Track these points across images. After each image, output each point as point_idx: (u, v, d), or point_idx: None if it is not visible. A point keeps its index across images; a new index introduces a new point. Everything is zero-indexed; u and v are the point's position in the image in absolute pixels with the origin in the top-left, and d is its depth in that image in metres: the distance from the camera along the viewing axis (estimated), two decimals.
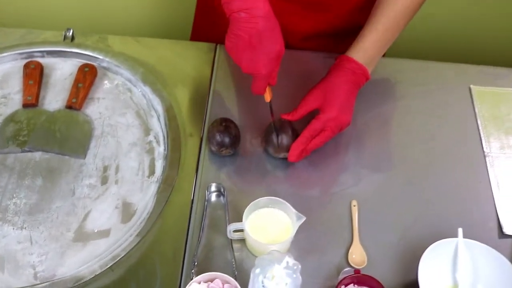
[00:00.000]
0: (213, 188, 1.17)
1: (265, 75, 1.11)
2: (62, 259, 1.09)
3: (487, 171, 1.25)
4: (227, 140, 1.19)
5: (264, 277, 0.84)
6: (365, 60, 1.23)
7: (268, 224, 1.10)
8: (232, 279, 1.00)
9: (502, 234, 1.16)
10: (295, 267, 0.84)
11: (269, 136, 1.21)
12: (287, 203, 1.09)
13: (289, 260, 0.84)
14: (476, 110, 1.35)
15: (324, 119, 1.19)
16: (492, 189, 1.22)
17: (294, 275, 0.84)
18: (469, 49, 1.99)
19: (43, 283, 1.06)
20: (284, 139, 1.20)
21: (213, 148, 1.21)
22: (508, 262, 1.05)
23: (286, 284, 0.84)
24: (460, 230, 1.08)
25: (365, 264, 1.10)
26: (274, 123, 1.20)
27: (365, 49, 1.24)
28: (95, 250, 1.11)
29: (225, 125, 1.20)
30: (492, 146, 1.29)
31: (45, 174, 1.20)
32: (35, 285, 1.05)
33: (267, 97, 1.19)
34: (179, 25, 1.86)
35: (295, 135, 1.20)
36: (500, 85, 1.40)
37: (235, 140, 1.21)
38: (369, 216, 1.17)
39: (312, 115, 1.21)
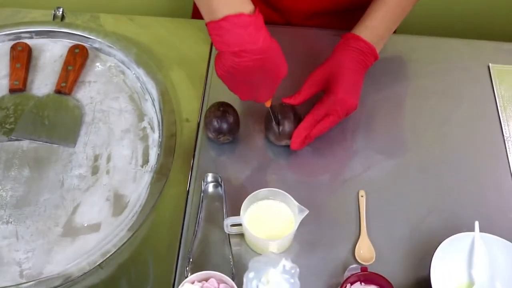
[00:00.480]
0: (209, 178, 1.10)
1: (263, 101, 1.05)
2: (49, 255, 1.03)
3: (507, 157, 1.16)
4: (225, 126, 1.11)
5: (259, 281, 0.76)
6: (373, 39, 1.14)
7: (268, 217, 1.02)
8: (229, 279, 0.93)
9: None
10: (292, 271, 0.76)
11: (270, 123, 1.12)
12: (288, 195, 1.01)
13: (286, 263, 0.76)
14: (495, 91, 1.25)
15: (329, 103, 1.10)
16: None
17: (292, 280, 0.76)
18: (486, 25, 1.86)
19: (29, 281, 0.99)
20: (286, 125, 1.11)
21: (210, 135, 1.13)
22: None
23: None
24: (476, 224, 1.00)
25: (373, 260, 1.03)
26: (275, 108, 1.11)
27: (373, 27, 1.15)
28: (85, 246, 1.04)
29: (223, 109, 1.12)
30: None
31: (32, 164, 1.13)
32: (20, 284, 0.99)
33: (268, 103, 1.09)
34: (179, 2, 1.77)
35: (298, 121, 1.12)
36: None
37: (234, 126, 1.12)
38: (378, 208, 1.09)
39: (317, 98, 1.12)
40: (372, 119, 1.21)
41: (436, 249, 0.97)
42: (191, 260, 1.02)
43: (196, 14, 1.51)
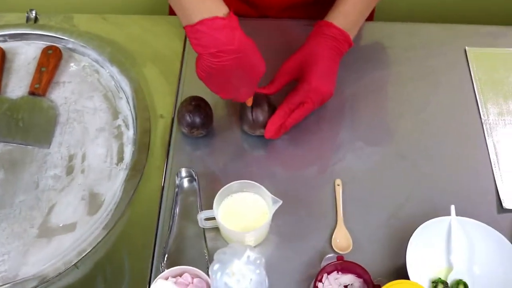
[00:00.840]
0: (183, 173, 1.09)
1: (243, 100, 1.06)
2: (25, 257, 1.02)
3: (485, 140, 1.15)
4: (197, 120, 1.10)
5: (224, 273, 0.75)
6: (346, 25, 1.13)
7: (243, 210, 1.01)
8: (203, 273, 0.92)
9: (501, 209, 1.06)
10: (257, 261, 0.75)
11: (244, 113, 1.11)
12: (262, 186, 1.00)
13: (251, 254, 0.75)
14: (472, 74, 1.24)
15: (303, 90, 1.09)
16: (491, 159, 1.12)
17: (258, 271, 0.75)
18: (462, 8, 1.84)
19: (5, 284, 0.98)
20: (260, 114, 1.10)
21: (183, 130, 1.12)
22: (507, 241, 0.96)
23: (251, 280, 0.75)
24: (452, 208, 0.99)
25: (351, 248, 1.02)
26: (246, 103, 1.10)
27: (346, 13, 1.14)
28: (60, 246, 1.03)
29: (195, 104, 1.11)
30: (490, 113, 1.18)
31: (7, 166, 1.12)
32: None
33: (249, 102, 1.09)
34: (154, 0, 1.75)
35: (272, 110, 1.10)
36: (498, 45, 1.29)
37: (207, 120, 1.11)
38: (355, 196, 1.08)
39: (291, 87, 1.11)
40: (348, 107, 1.20)
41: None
42: (166, 256, 1.01)
43: (173, 10, 1.50)
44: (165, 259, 1.00)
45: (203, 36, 0.92)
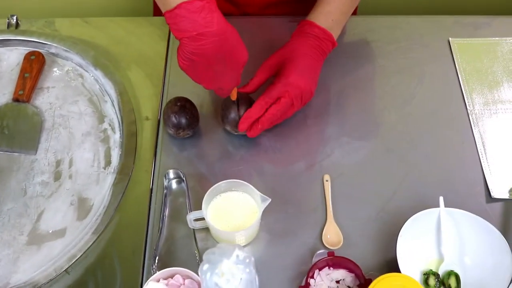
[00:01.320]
0: (171, 174, 1.08)
1: (228, 91, 1.04)
2: (15, 265, 1.01)
3: (472, 131, 1.15)
4: (183, 121, 1.10)
5: (214, 273, 0.75)
6: (328, 24, 1.13)
7: (232, 209, 1.01)
8: (194, 274, 0.92)
9: (490, 199, 1.07)
10: (247, 260, 0.75)
11: (226, 112, 1.11)
12: (250, 185, 1.00)
13: (240, 253, 0.75)
14: (457, 65, 1.24)
15: (280, 84, 1.08)
16: (478, 149, 1.13)
17: (247, 269, 0.75)
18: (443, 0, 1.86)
19: None
20: (242, 113, 1.09)
21: (170, 131, 1.12)
22: (496, 230, 0.96)
23: (241, 279, 0.75)
24: (441, 199, 0.99)
25: (341, 244, 1.02)
26: (230, 97, 1.10)
27: (328, 12, 1.14)
28: (50, 252, 1.03)
29: (181, 104, 1.10)
30: (476, 103, 1.19)
31: None
32: None
33: (233, 95, 1.08)
34: (138, 2, 1.74)
35: None
36: (481, 36, 1.29)
37: (193, 121, 1.11)
38: (344, 191, 1.08)
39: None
40: (334, 103, 1.20)
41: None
42: (157, 258, 1.00)
43: (157, 11, 1.49)
44: (156, 261, 1.00)
45: (182, 20, 0.89)
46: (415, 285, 0.87)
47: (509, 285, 0.90)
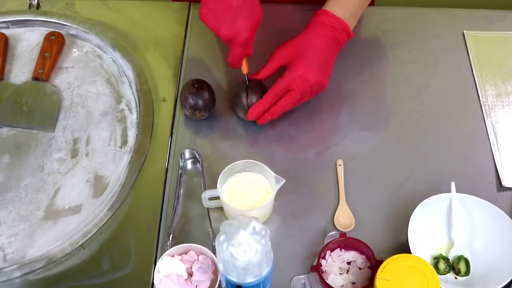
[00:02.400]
0: (187, 154, 1.10)
1: (245, 41, 1.05)
2: (32, 239, 1.03)
3: (484, 121, 1.17)
4: (200, 102, 1.11)
5: (230, 244, 0.76)
6: (344, 14, 1.12)
7: (246, 189, 1.03)
8: (208, 250, 0.94)
9: (501, 187, 1.08)
10: (263, 232, 0.76)
11: (238, 98, 1.12)
12: (264, 165, 1.02)
13: (256, 224, 0.76)
14: (471, 57, 1.26)
15: (289, 77, 1.09)
16: (490, 140, 1.14)
17: (263, 241, 0.76)
18: None
19: (13, 265, 1.00)
20: (254, 100, 1.11)
21: (186, 112, 1.13)
22: (506, 216, 0.97)
23: (257, 250, 0.77)
24: (453, 184, 1.00)
25: (353, 226, 1.03)
26: (243, 84, 1.12)
27: (344, 2, 1.13)
28: (66, 227, 1.05)
29: (198, 86, 1.12)
30: (489, 94, 1.20)
31: (12, 150, 1.13)
32: (4, 268, 0.99)
33: (244, 68, 1.11)
34: None
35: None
36: (495, 29, 1.30)
37: (210, 102, 1.13)
38: (357, 176, 1.10)
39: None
40: (348, 90, 1.22)
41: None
42: (171, 235, 1.02)
43: None
44: (170, 238, 1.02)
45: None
46: (425, 265, 0.89)
47: None
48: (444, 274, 0.97)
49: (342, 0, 1.14)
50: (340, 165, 1.10)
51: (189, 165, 1.11)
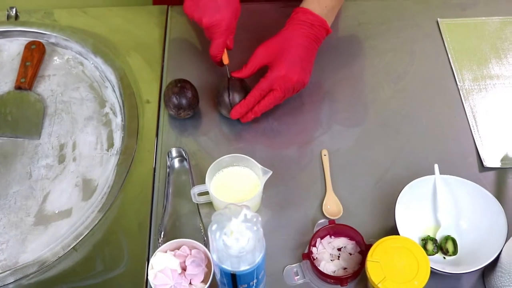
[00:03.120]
0: (174, 153, 1.11)
1: (226, 27, 1.10)
2: (23, 245, 1.04)
3: (463, 105, 1.19)
4: (184, 101, 1.13)
5: (222, 232, 0.78)
6: (321, 11, 1.14)
7: (234, 182, 1.04)
8: (200, 244, 0.95)
9: (482, 168, 1.10)
10: (254, 219, 0.77)
11: (220, 97, 1.14)
12: (251, 159, 1.03)
13: (247, 212, 0.77)
14: (446, 44, 1.28)
15: (272, 77, 1.11)
16: (469, 122, 1.16)
17: (255, 227, 0.77)
18: None
19: (5, 271, 1.00)
20: (237, 98, 1.12)
21: (171, 112, 1.15)
22: (489, 194, 0.99)
23: (249, 239, 0.78)
24: (436, 166, 1.02)
25: (341, 213, 1.05)
26: (224, 82, 1.13)
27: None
28: (57, 231, 1.05)
29: (181, 86, 1.13)
30: (465, 79, 1.23)
31: None
32: None
33: (225, 59, 1.14)
34: None
35: (246, 93, 1.13)
36: (468, 16, 1.34)
37: (193, 101, 1.14)
38: (342, 164, 1.11)
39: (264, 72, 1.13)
40: (329, 82, 1.24)
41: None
42: (163, 233, 1.03)
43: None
44: (162, 236, 1.03)
45: None
46: (414, 246, 0.90)
47: (503, 246, 0.93)
48: (433, 255, 0.99)
49: None
50: (325, 155, 1.12)
51: (176, 163, 1.12)
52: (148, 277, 0.92)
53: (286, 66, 1.10)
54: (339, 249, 1.00)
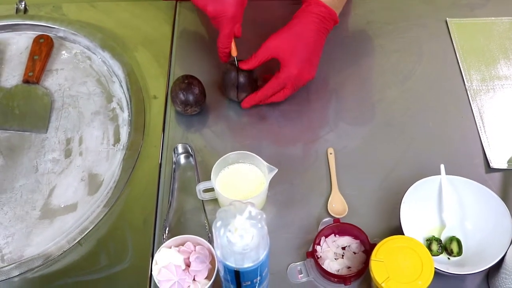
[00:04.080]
0: (180, 149, 1.11)
1: (233, 15, 1.08)
2: (29, 238, 1.04)
3: (470, 105, 1.19)
4: (191, 98, 1.13)
5: (227, 229, 0.78)
6: (333, 2, 1.14)
7: (240, 180, 1.04)
8: (204, 241, 0.95)
9: (489, 169, 1.10)
10: (259, 216, 0.77)
11: (228, 79, 1.14)
12: (257, 156, 1.03)
13: (252, 209, 0.77)
14: (454, 44, 1.28)
15: (283, 77, 1.11)
16: (476, 123, 1.16)
17: (259, 225, 0.77)
18: None
19: (11, 264, 1.01)
20: (243, 80, 1.13)
21: (177, 108, 1.15)
22: (495, 195, 0.99)
23: (253, 237, 0.78)
24: (442, 167, 1.02)
25: (346, 212, 1.05)
26: (231, 65, 1.14)
27: None
28: (63, 226, 1.06)
29: (188, 82, 1.13)
30: (473, 79, 1.22)
31: (6, 152, 1.14)
32: (2, 267, 1.00)
33: (233, 51, 1.13)
34: None
35: (253, 79, 1.14)
36: (477, 16, 1.33)
37: (200, 97, 1.14)
38: (348, 163, 1.11)
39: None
40: (334, 80, 1.24)
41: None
42: (167, 229, 1.03)
43: None
44: (167, 232, 1.03)
45: None
46: (419, 246, 0.90)
47: (508, 248, 0.93)
48: (437, 255, 0.99)
49: None
50: (331, 154, 1.12)
51: (182, 159, 1.12)
52: (152, 272, 0.93)
53: (298, 66, 1.11)
54: (343, 248, 1.00)
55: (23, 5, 1.34)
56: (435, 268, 0.89)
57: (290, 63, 1.11)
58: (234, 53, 1.14)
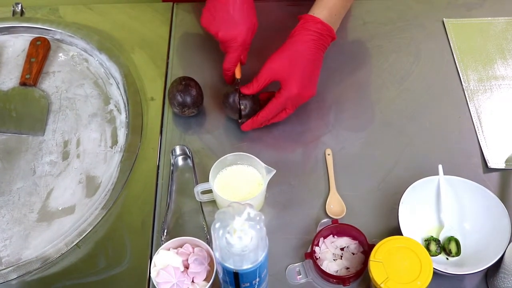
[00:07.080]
0: (178, 151, 1.11)
1: (242, 43, 1.09)
2: (27, 241, 1.04)
3: (467, 105, 1.19)
4: (188, 99, 1.13)
5: (226, 231, 0.78)
6: (331, 19, 1.12)
7: (238, 181, 1.04)
8: (203, 242, 0.95)
9: (487, 169, 1.10)
10: (257, 218, 0.77)
11: (229, 102, 1.12)
12: (255, 157, 1.03)
13: (251, 211, 0.77)
14: (451, 44, 1.28)
15: (284, 98, 1.10)
16: (474, 123, 1.16)
17: (258, 226, 0.77)
18: None
19: (8, 267, 1.00)
20: (246, 105, 1.12)
21: (175, 110, 1.15)
22: (493, 195, 0.99)
23: (252, 238, 0.78)
24: (440, 167, 1.02)
25: (345, 213, 1.05)
26: (232, 87, 1.13)
27: (331, 7, 1.13)
28: (61, 228, 1.05)
29: (185, 83, 1.13)
30: (471, 79, 1.22)
31: (3, 155, 1.14)
32: (0, 270, 1.00)
33: (237, 73, 1.14)
34: None
35: (256, 101, 1.13)
36: (474, 16, 1.33)
37: (198, 99, 1.14)
38: (346, 164, 1.11)
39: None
40: (332, 81, 1.23)
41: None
42: (166, 231, 1.03)
43: None
44: (165, 234, 1.03)
45: None
46: (417, 246, 0.90)
47: (506, 247, 0.93)
48: (436, 255, 0.99)
49: (331, 5, 1.13)
50: (329, 155, 1.12)
51: (180, 161, 1.12)
52: (151, 274, 0.92)
53: (298, 86, 1.09)
54: (342, 249, 1.00)
55: (19, 8, 1.34)
56: (433, 268, 0.88)
57: (290, 84, 1.09)
58: (238, 75, 1.15)
